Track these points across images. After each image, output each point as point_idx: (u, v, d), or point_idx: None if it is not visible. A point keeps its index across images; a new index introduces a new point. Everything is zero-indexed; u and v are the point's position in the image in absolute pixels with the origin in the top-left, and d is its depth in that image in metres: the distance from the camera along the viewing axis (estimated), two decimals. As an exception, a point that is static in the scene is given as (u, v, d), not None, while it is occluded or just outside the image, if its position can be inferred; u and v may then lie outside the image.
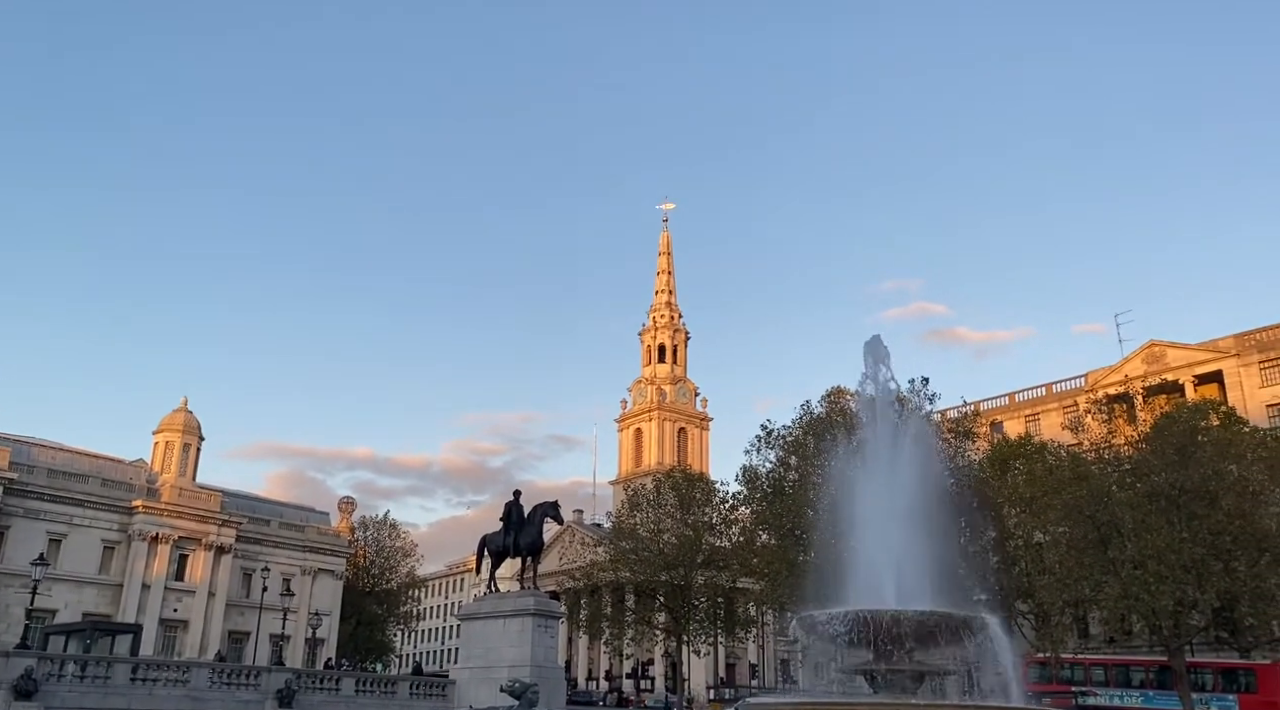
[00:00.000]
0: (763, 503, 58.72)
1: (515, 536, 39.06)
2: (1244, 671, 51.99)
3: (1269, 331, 72.45)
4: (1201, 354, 74.63)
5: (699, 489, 69.40)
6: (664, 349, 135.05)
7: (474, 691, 36.01)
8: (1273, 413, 68.42)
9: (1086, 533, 47.50)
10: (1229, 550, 45.27)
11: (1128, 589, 44.84)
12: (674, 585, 66.66)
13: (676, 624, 67.74)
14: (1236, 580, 45.33)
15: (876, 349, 29.07)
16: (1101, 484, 48.81)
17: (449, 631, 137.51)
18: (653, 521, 68.34)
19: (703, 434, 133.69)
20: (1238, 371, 72.12)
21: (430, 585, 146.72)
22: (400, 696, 38.40)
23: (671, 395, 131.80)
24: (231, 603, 74.63)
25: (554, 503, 39.51)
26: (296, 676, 36.03)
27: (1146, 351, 77.47)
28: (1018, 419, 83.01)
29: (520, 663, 34.73)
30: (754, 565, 60.48)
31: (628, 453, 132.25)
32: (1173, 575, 43.83)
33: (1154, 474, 48.04)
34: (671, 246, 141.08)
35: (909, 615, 21.38)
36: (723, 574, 67.76)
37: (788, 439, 58.02)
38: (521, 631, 36.08)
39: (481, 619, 38.08)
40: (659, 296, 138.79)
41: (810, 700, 23.78)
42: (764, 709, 34.66)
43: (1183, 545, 44.18)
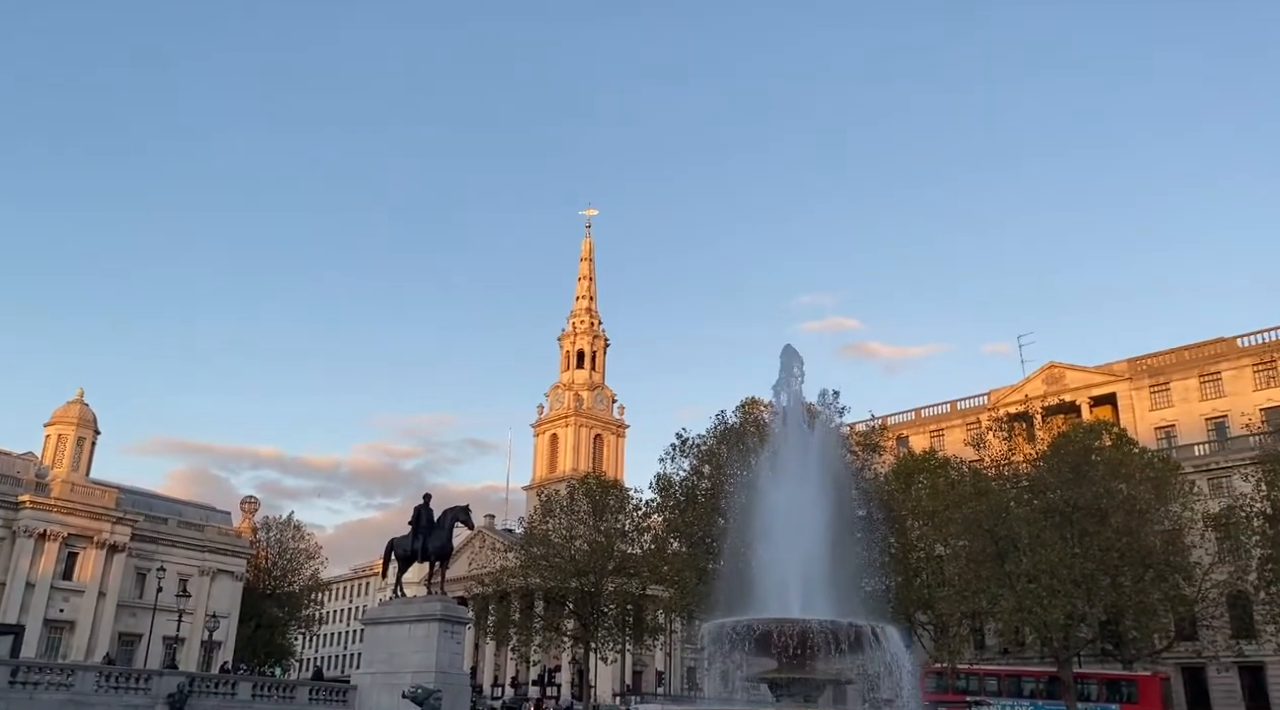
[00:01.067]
0: (675, 511, 59.15)
1: (424, 541, 38.52)
2: (1126, 683, 54.32)
3: (1159, 357, 76.00)
4: (1097, 377, 77.85)
5: (613, 496, 69.43)
6: (583, 355, 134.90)
7: (376, 697, 35.39)
8: (1160, 435, 71.75)
9: (985, 547, 49.06)
10: (1116, 566, 47.31)
11: (1022, 602, 46.42)
12: (584, 592, 66.54)
13: (585, 631, 67.63)
14: (1122, 595, 47.40)
15: (789, 360, 29.61)
16: (1000, 499, 50.52)
17: (353, 636, 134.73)
18: (565, 528, 68.12)
19: (619, 441, 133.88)
20: (1130, 395, 75.43)
21: (334, 588, 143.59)
22: (299, 701, 37.47)
23: (589, 401, 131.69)
24: (124, 603, 71.82)
25: (465, 507, 39.09)
26: (190, 680, 34.86)
27: (1046, 373, 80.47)
28: (923, 434, 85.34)
29: (425, 669, 34.25)
30: (664, 573, 60.81)
31: (543, 458, 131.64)
32: (1064, 589, 45.55)
33: (1050, 491, 49.93)
34: (594, 253, 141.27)
35: (813, 624, 21.78)
36: (633, 581, 67.92)
37: (702, 448, 58.58)
38: (427, 637, 35.59)
39: (386, 623, 37.45)
40: (580, 302, 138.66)
41: (694, 709, 24.11)
42: None
43: (1074, 560, 45.98)
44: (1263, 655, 55.42)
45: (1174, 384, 73.46)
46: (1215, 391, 71.17)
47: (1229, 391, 70.03)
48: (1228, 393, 70.09)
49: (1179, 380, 73.21)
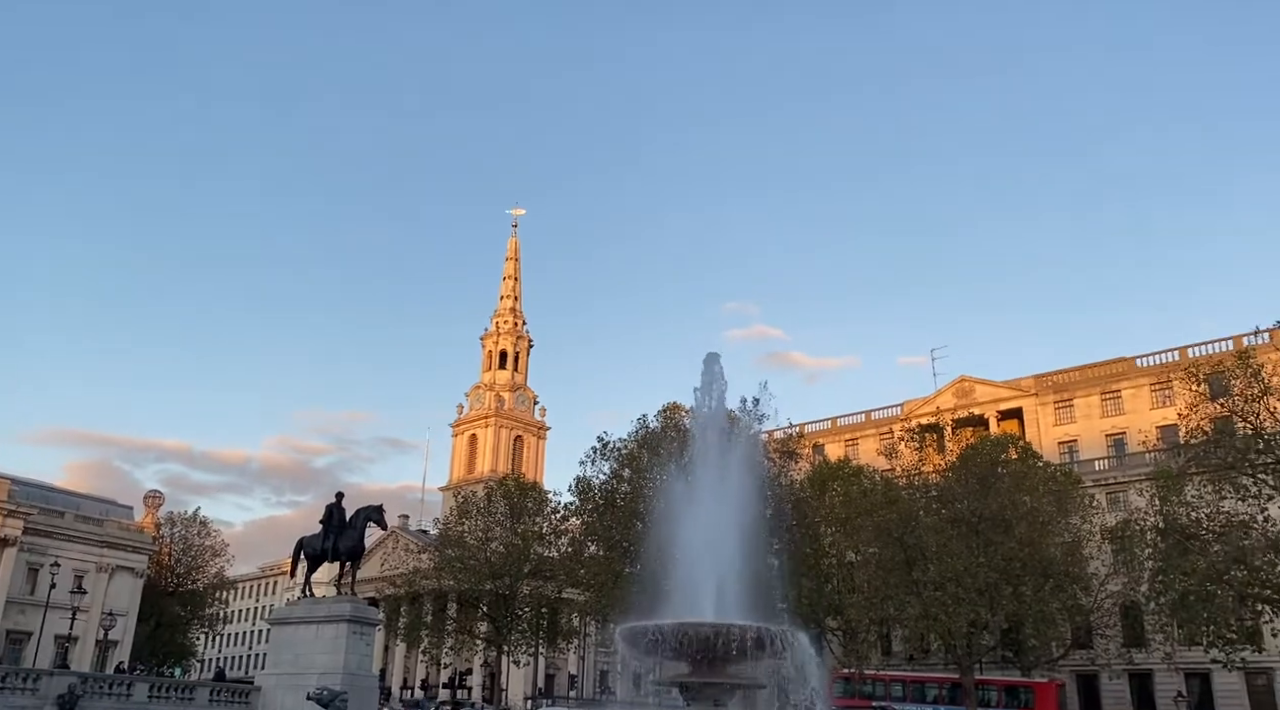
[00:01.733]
0: (594, 514, 59.13)
1: (335, 540, 37.76)
2: (1024, 689, 56.15)
3: (1064, 375, 78.86)
4: (1005, 391, 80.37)
5: (531, 498, 69.04)
6: (505, 355, 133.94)
7: (281, 699, 34.55)
8: (1063, 449, 74.42)
9: (894, 554, 50.22)
10: (1019, 575, 48.90)
11: (928, 609, 47.64)
12: (498, 594, 66.02)
13: (498, 634, 67.09)
14: (1023, 603, 49.01)
15: (711, 367, 29.91)
16: (910, 508, 51.79)
17: (258, 636, 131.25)
18: (481, 529, 67.49)
19: (539, 443, 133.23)
20: (1036, 410, 78.08)
21: (241, 587, 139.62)
22: (199, 702, 36.30)
23: (510, 402, 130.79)
24: (13, 600, 68.66)
25: (378, 507, 38.44)
26: (82, 681, 33.47)
27: (957, 386, 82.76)
28: (839, 443, 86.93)
29: (332, 670, 33.57)
30: (581, 576, 60.74)
31: (461, 458, 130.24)
32: (968, 597, 46.90)
33: (957, 501, 51.38)
34: (520, 253, 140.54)
35: (725, 629, 22.02)
36: (549, 584, 67.63)
37: (623, 452, 58.68)
38: (336, 638, 34.89)
39: (294, 624, 36.61)
40: (504, 302, 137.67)
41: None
42: None
43: (979, 569, 47.38)
44: (1151, 663, 57.82)
45: (1077, 401, 76.28)
46: (1115, 409, 74.10)
47: (1128, 409, 72.99)
48: (1127, 410, 73.06)
49: (1082, 397, 76.05)
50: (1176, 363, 67.69)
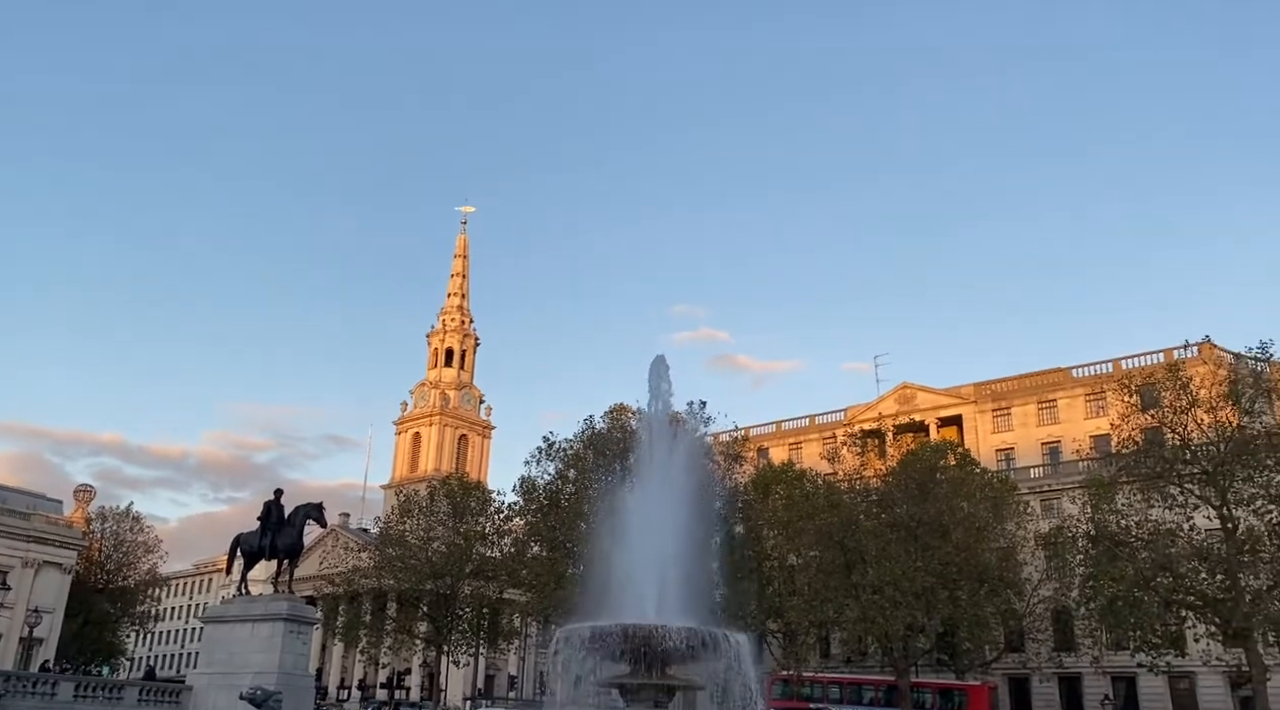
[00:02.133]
0: (538, 515, 58.90)
1: (273, 537, 37.18)
2: (958, 691, 57.24)
3: (1003, 383, 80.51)
4: (945, 399, 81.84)
5: (474, 498, 68.55)
6: (452, 353, 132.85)
7: (213, 699, 33.89)
8: (1000, 457, 76.00)
9: (835, 558, 50.87)
10: (955, 580, 49.85)
11: (866, 612, 48.33)
12: (439, 594, 65.44)
13: (438, 634, 66.51)
14: (959, 608, 49.98)
15: (659, 370, 30.03)
16: (851, 513, 52.51)
17: (191, 634, 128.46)
18: (423, 529, 66.85)
19: (484, 442, 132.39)
20: (975, 417, 79.62)
21: (174, 584, 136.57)
22: (128, 702, 35.44)
23: (455, 401, 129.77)
24: (-68, 596, 66.30)
25: (318, 504, 37.92)
26: (4, 679, 32.51)
27: (899, 392, 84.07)
28: (783, 446, 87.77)
29: (267, 670, 33.02)
30: (523, 577, 60.47)
31: (404, 457, 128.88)
32: (905, 601, 47.68)
33: (897, 506, 52.21)
34: (469, 250, 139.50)
35: (666, 630, 22.09)
36: (490, 585, 67.22)
37: (568, 452, 58.53)
38: (271, 637, 34.33)
39: (229, 622, 35.95)
40: (451, 300, 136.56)
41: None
42: None
43: (916, 574, 48.20)
44: (1080, 667, 59.27)
45: (1015, 409, 77.96)
46: (1051, 418, 75.86)
47: (1063, 419, 74.78)
48: (1062, 420, 74.83)
49: (1019, 406, 77.75)
50: (1110, 374, 69.47)
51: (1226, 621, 40.12)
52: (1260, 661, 40.22)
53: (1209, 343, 58.87)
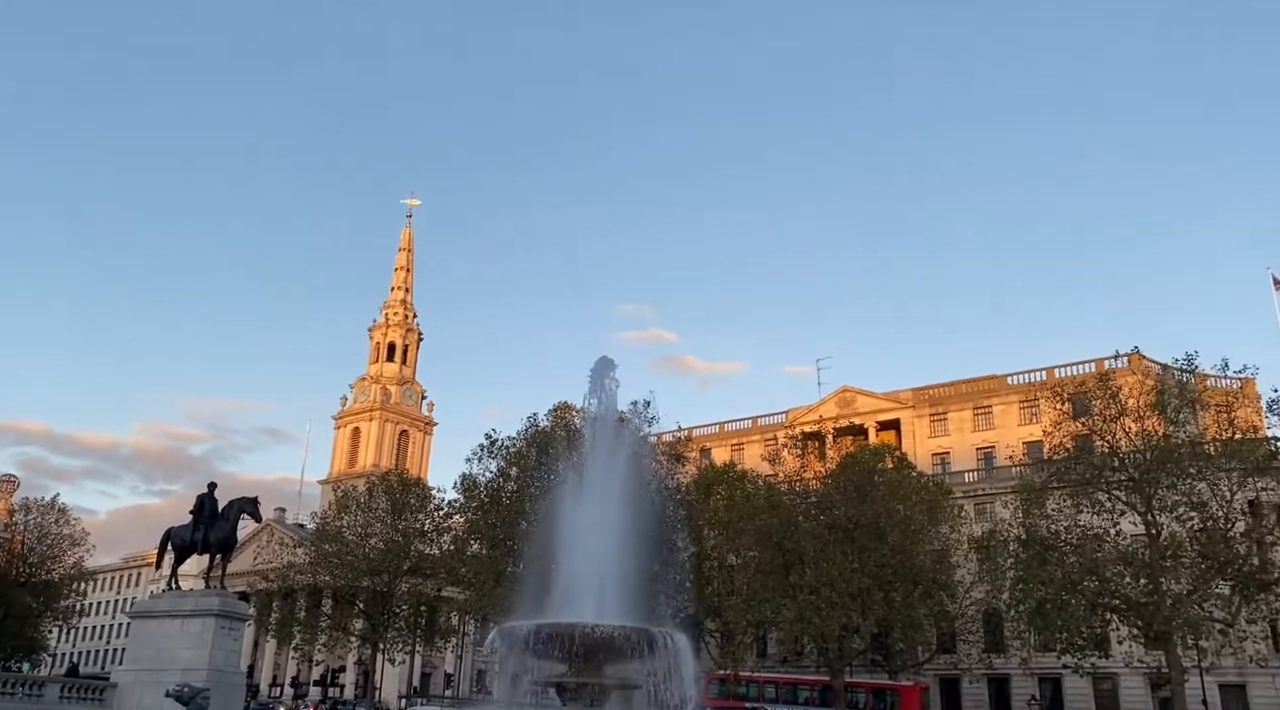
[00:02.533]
0: (478, 512, 58.52)
1: (206, 531, 36.46)
2: (890, 691, 58.17)
3: (940, 389, 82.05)
4: (884, 403, 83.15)
5: (414, 494, 67.88)
6: (394, 348, 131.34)
7: (139, 696, 33.11)
8: (936, 461, 77.46)
9: (773, 558, 51.36)
10: (890, 582, 50.67)
11: (803, 612, 48.88)
12: (376, 591, 64.70)
13: (374, 631, 65.75)
14: (893, 609, 50.81)
15: (603, 369, 30.03)
16: (790, 514, 53.04)
17: (118, 630, 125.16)
18: (361, 525, 66.04)
19: (425, 438, 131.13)
20: (913, 421, 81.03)
21: (100, 578, 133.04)
22: (49, 699, 34.44)
23: (397, 396, 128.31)
24: None
25: (253, 498, 37.30)
26: (-82, 676, 31.41)
27: (840, 396, 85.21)
28: (725, 447, 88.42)
29: (197, 666, 32.36)
30: (462, 575, 60.07)
31: (343, 452, 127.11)
32: (842, 602, 48.33)
33: (835, 508, 52.87)
34: (413, 243, 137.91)
35: (603, 629, 22.14)
36: (429, 582, 66.63)
37: (511, 450, 58.23)
38: (201, 633, 33.66)
39: (157, 617, 35.15)
40: (395, 293, 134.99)
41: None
42: None
43: (853, 575, 48.89)
44: (1009, 668, 60.64)
45: (951, 414, 79.51)
46: (986, 424, 77.53)
47: (998, 425, 76.49)
48: (997, 425, 76.55)
49: (956, 411, 79.30)
50: (1044, 382, 71.24)
51: (1148, 624, 41.38)
52: (1179, 663, 41.54)
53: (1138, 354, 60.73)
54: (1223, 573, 41.01)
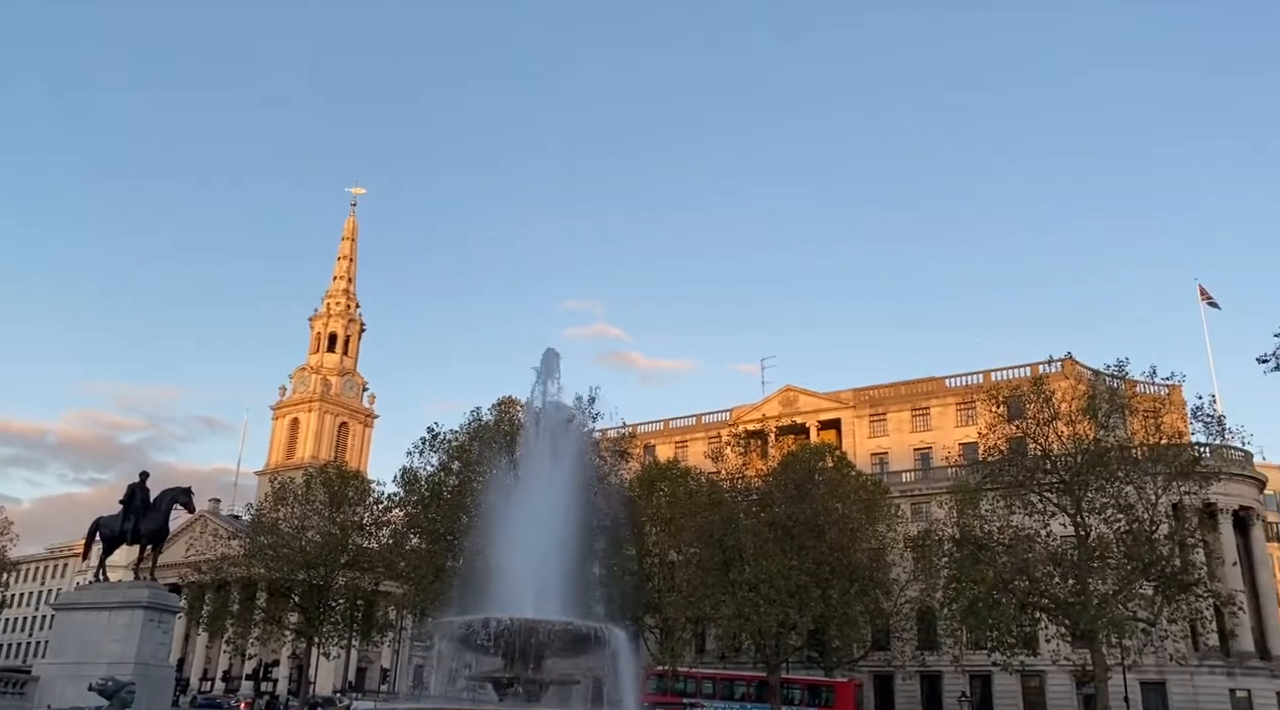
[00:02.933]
0: (419, 506, 57.94)
1: (136, 522, 35.56)
2: (825, 688, 58.89)
3: (879, 390, 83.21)
4: (826, 403, 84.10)
5: (353, 487, 66.96)
6: (335, 338, 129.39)
7: (61, 689, 32.17)
8: (875, 461, 78.56)
9: (714, 555, 51.65)
10: (828, 579, 51.29)
11: (741, 609, 49.24)
12: (312, 585, 63.72)
13: (309, 625, 64.75)
14: (830, 606, 51.45)
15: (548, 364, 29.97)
16: (732, 511, 53.38)
17: (42, 622, 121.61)
18: (298, 517, 64.99)
19: (365, 430, 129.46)
20: (853, 422, 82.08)
21: (24, 569, 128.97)
22: (-36, 694, 33.37)
23: (337, 387, 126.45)
24: None
25: (186, 488, 36.46)
26: None
27: (783, 395, 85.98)
28: (669, 444, 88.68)
29: (123, 660, 31.57)
30: (401, 569, 59.44)
31: (281, 443, 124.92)
32: (780, 599, 48.79)
33: (776, 506, 53.35)
34: (357, 233, 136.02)
35: (541, 625, 22.12)
36: (366, 576, 65.81)
37: (453, 444, 57.74)
38: (129, 626, 32.82)
39: (83, 609, 34.21)
40: (337, 283, 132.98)
41: (405, 706, 23.93)
42: None
43: (791, 572, 49.37)
44: (941, 666, 61.81)
45: (890, 415, 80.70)
46: (924, 425, 78.86)
47: (935, 426, 77.84)
48: (934, 427, 77.89)
49: (895, 412, 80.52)
50: (980, 385, 72.64)
51: (1075, 623, 42.42)
52: (1103, 661, 42.69)
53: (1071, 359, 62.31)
54: (1146, 574, 42.20)
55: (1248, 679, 59.59)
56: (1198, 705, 58.72)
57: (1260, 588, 64.63)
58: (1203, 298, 79.70)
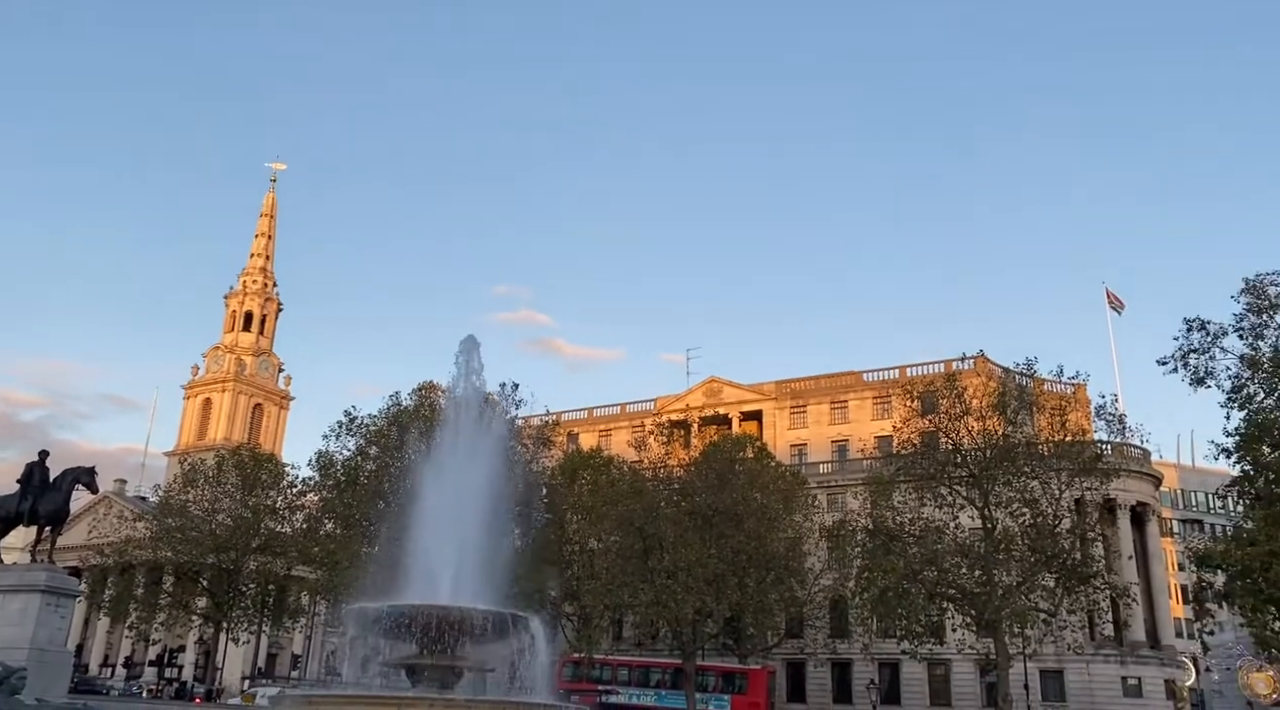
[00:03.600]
0: (334, 490, 57.04)
1: (34, 502, 34.14)
2: (739, 675, 59.82)
3: (801, 382, 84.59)
4: (749, 394, 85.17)
5: (266, 470, 65.57)
6: (251, 317, 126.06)
7: (-52, 677, 30.83)
8: (795, 452, 79.91)
9: (634, 543, 51.94)
10: (744, 568, 52.02)
11: (659, 596, 49.65)
12: (222, 569, 62.27)
13: (218, 610, 63.27)
14: (746, 594, 52.21)
15: (469, 349, 29.69)
16: (653, 500, 53.73)
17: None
18: (208, 499, 63.41)
19: (281, 412, 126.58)
20: (774, 413, 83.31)
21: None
22: None
23: (252, 367, 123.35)
24: None
25: (89, 468, 35.13)
26: None
27: (707, 386, 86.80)
28: (593, 433, 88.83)
29: (16, 644, 30.34)
30: (315, 554, 58.47)
31: (192, 423, 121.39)
32: (697, 586, 49.32)
33: (696, 495, 53.86)
34: (276, 210, 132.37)
35: (457, 612, 22.00)
36: (278, 561, 64.56)
37: (371, 428, 56.91)
38: (24, 610, 31.55)
39: (-26, 593, 32.77)
40: (254, 260, 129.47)
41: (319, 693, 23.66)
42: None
43: (709, 561, 49.93)
44: (851, 653, 63.26)
45: (810, 407, 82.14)
46: (842, 418, 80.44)
47: (853, 419, 79.49)
48: (852, 420, 79.53)
49: (814, 404, 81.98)
50: (896, 380, 74.35)
51: (980, 613, 43.87)
52: (1005, 650, 44.25)
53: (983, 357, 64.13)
54: (1049, 566, 43.83)
55: (1139, 667, 62.40)
56: (1092, 693, 61.29)
57: (1153, 580, 67.71)
58: (1109, 300, 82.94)
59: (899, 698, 65.76)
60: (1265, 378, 30.73)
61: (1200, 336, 31.95)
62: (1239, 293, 31.61)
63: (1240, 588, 29.47)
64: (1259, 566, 28.54)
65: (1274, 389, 30.77)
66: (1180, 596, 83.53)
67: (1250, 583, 29.03)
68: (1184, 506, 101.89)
